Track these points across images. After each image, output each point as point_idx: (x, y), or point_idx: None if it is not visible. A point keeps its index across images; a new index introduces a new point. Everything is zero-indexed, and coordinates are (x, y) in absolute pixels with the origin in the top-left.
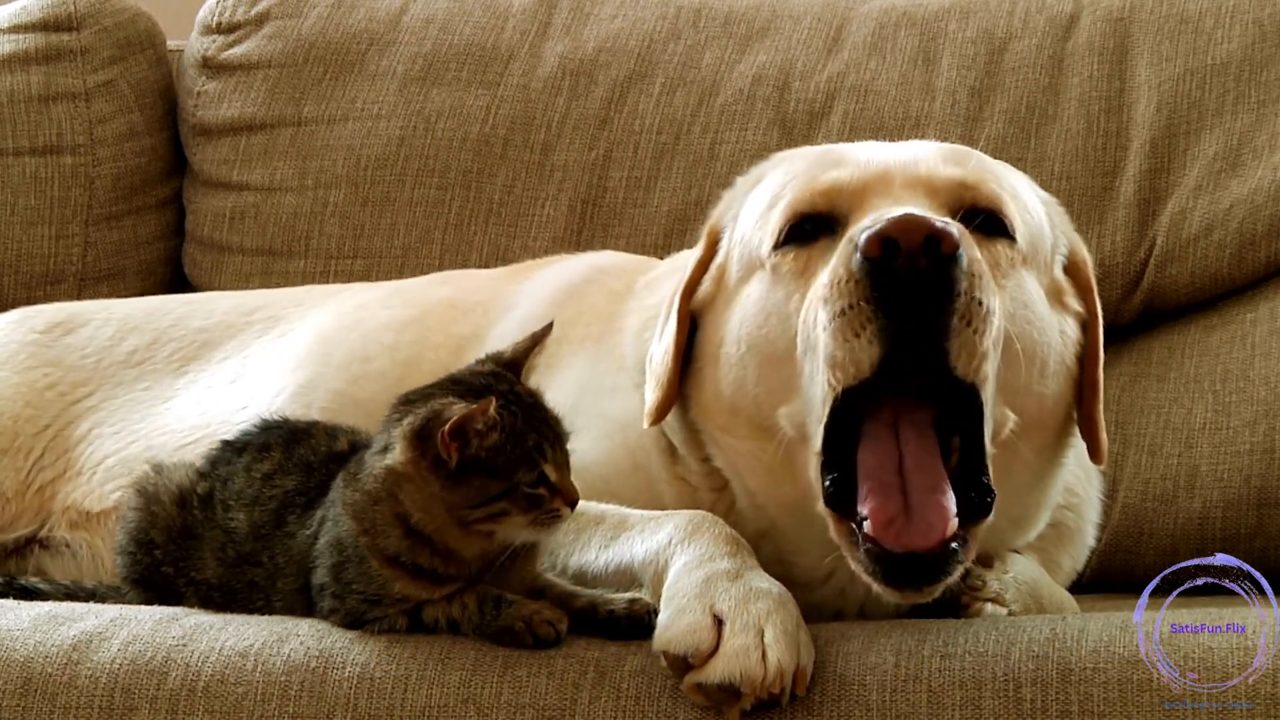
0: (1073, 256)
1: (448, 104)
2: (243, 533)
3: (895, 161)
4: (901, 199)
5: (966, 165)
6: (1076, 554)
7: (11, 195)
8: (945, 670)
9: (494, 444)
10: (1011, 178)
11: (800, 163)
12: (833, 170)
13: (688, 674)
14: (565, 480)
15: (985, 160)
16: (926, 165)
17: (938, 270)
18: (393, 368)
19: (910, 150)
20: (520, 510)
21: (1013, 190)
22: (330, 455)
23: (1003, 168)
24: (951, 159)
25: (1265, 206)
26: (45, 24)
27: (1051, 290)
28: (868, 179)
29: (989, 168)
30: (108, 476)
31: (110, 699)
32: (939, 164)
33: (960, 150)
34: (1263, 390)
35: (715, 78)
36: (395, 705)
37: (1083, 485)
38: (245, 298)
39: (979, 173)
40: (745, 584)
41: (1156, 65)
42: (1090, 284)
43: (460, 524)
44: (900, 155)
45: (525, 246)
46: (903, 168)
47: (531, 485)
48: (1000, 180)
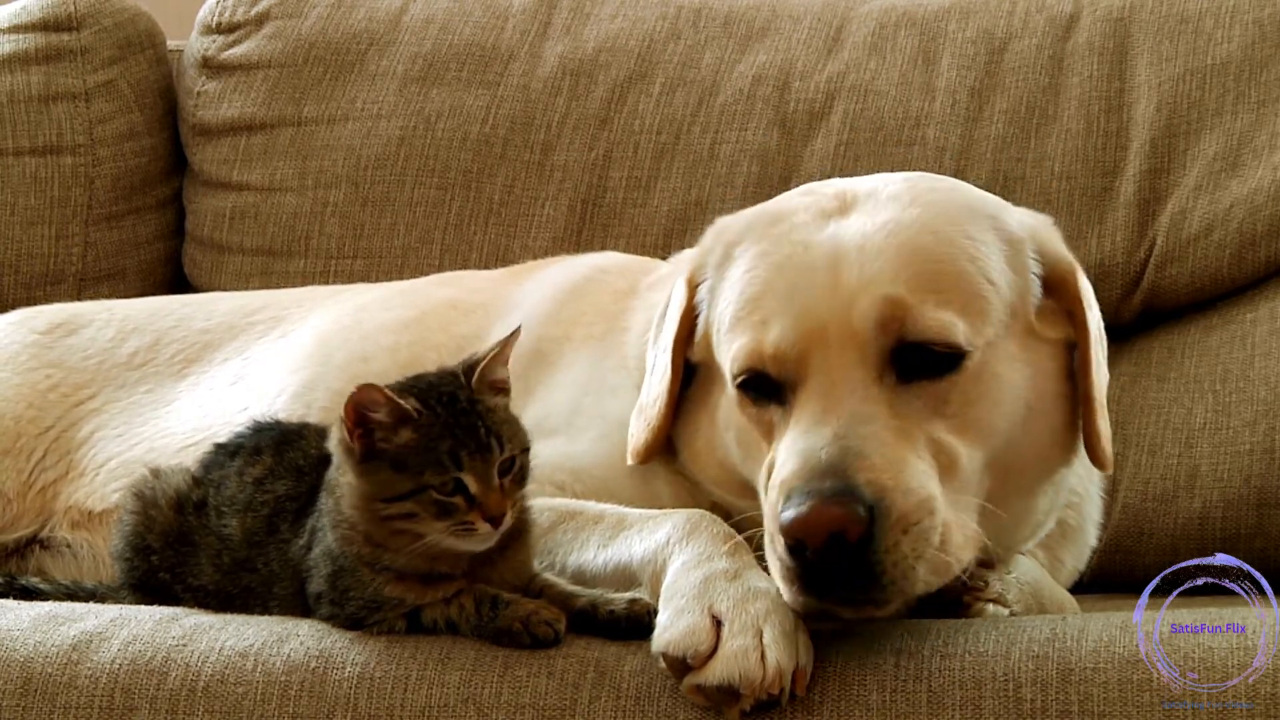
0: (1056, 273)
1: (448, 104)
2: (237, 539)
3: (831, 313)
4: (837, 368)
5: (907, 273)
6: (1079, 552)
7: (11, 195)
8: (945, 670)
9: (406, 441)
10: (966, 251)
11: (761, 266)
12: (779, 319)
13: (687, 675)
14: (489, 496)
15: (930, 245)
16: (860, 311)
17: (858, 547)
18: (393, 368)
19: (852, 265)
20: (430, 515)
21: (962, 278)
22: (320, 458)
23: (950, 238)
24: (896, 270)
25: (1265, 206)
26: (45, 24)
27: (1025, 334)
28: (806, 342)
29: (934, 261)
30: (110, 477)
31: (110, 699)
32: (876, 298)
33: (900, 243)
34: (1263, 390)
35: (715, 78)
36: (395, 705)
37: (1084, 483)
38: (247, 299)
39: (913, 298)
40: (743, 584)
41: (1156, 65)
42: (1078, 297)
43: (379, 519)
44: (840, 289)
45: (525, 246)
46: (839, 319)
47: (445, 492)
48: (945, 280)
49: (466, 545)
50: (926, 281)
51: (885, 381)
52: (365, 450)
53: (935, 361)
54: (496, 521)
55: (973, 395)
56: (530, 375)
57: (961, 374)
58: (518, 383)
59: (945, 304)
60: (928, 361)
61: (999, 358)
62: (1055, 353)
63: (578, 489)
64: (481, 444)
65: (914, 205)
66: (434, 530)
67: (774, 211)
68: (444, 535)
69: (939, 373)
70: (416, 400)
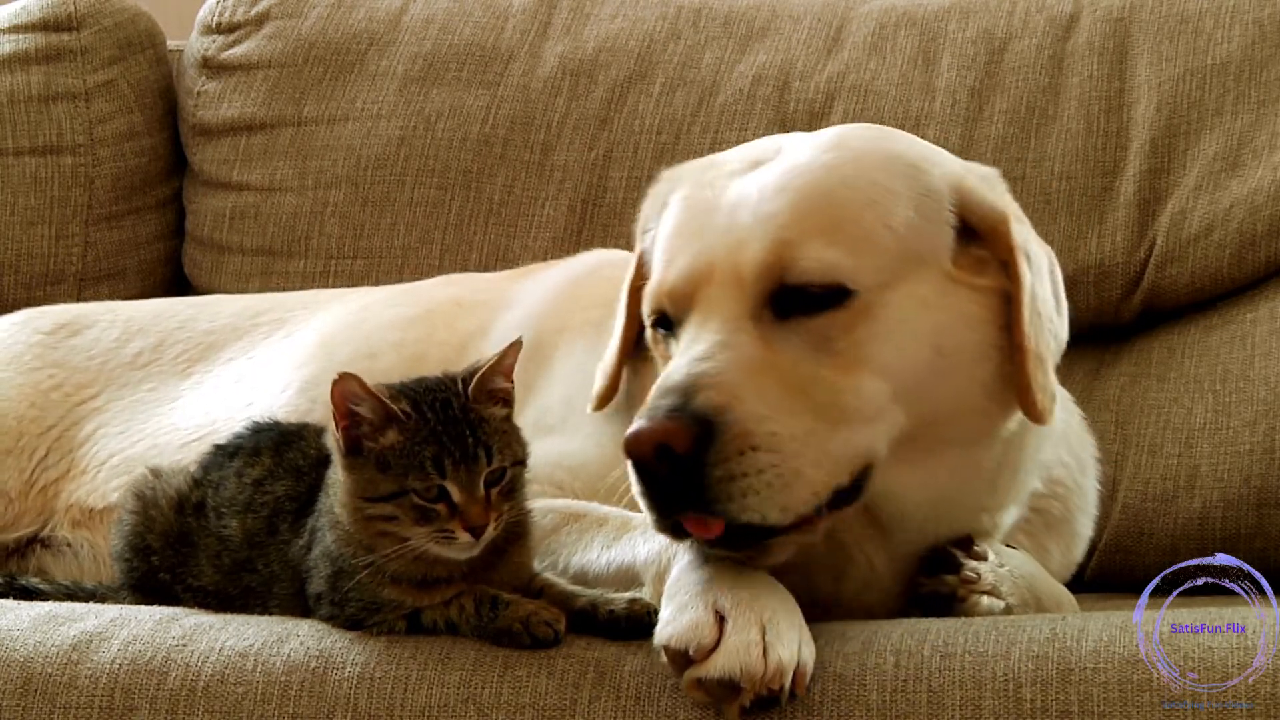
0: (986, 222)
1: (448, 104)
2: (236, 540)
3: (721, 253)
4: (715, 303)
5: (798, 214)
6: (1067, 543)
7: (11, 195)
8: (945, 670)
9: (392, 443)
10: (865, 195)
11: (682, 210)
12: (680, 258)
13: (688, 669)
14: (471, 506)
15: (829, 188)
16: (747, 253)
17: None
18: (399, 364)
19: (749, 207)
20: (410, 520)
21: (856, 221)
22: (320, 458)
23: (853, 182)
24: (789, 212)
25: (1265, 206)
26: (45, 24)
27: (941, 279)
28: (696, 280)
29: (829, 204)
30: (112, 474)
31: (110, 699)
32: (763, 240)
33: (800, 184)
34: (1263, 390)
35: (715, 78)
36: (395, 705)
37: (1073, 475)
38: (252, 301)
39: (800, 239)
40: (748, 583)
41: (1156, 65)
42: (1010, 245)
43: (364, 519)
44: (733, 231)
45: (525, 246)
46: (727, 257)
47: (428, 498)
48: (836, 222)
49: (448, 553)
50: (818, 222)
51: (762, 317)
52: (350, 444)
53: (815, 300)
54: (477, 532)
55: (862, 334)
56: (529, 369)
57: (845, 311)
58: (517, 378)
59: (833, 243)
60: (808, 300)
61: (898, 299)
62: (984, 300)
63: (576, 486)
64: (468, 453)
65: (830, 150)
66: (415, 534)
67: (710, 159)
68: (425, 540)
69: (818, 309)
70: (409, 403)
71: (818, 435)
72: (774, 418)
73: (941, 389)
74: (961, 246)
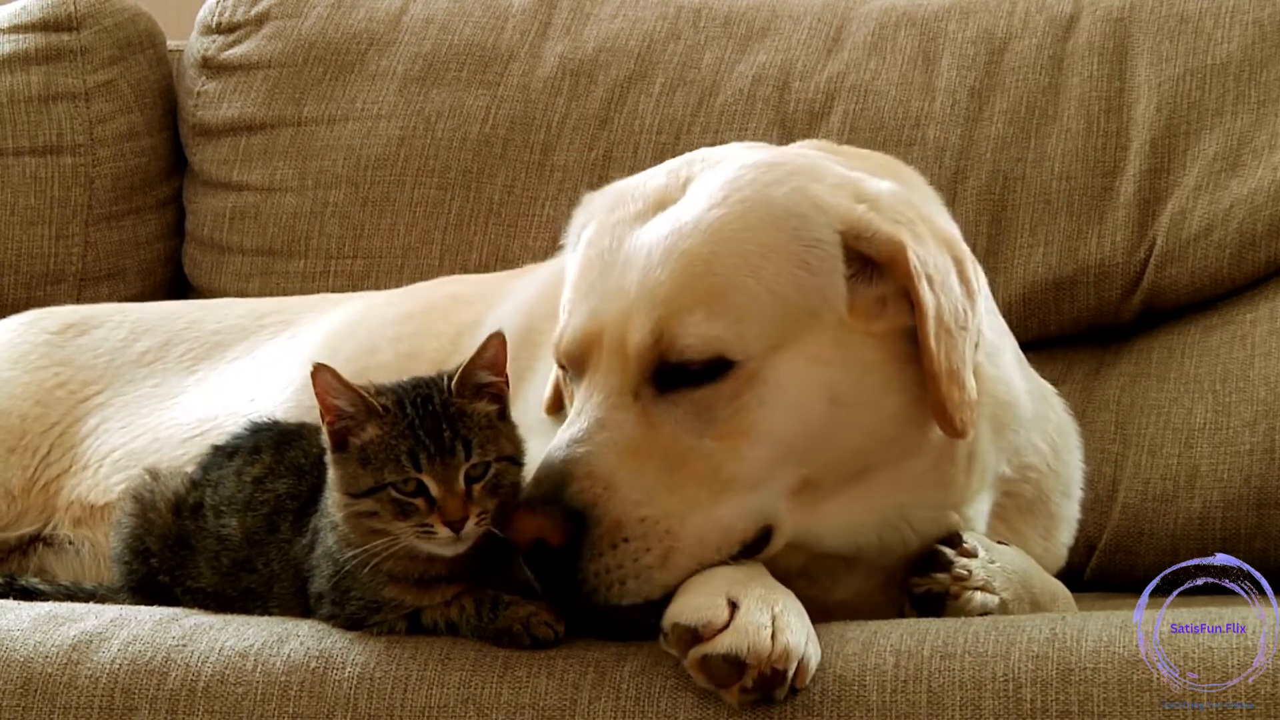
0: (884, 255)
1: (448, 104)
2: (236, 539)
3: (611, 316)
4: (601, 373)
5: (679, 286)
6: (1046, 526)
7: (11, 195)
8: (945, 670)
9: (371, 438)
10: (749, 263)
11: (585, 254)
12: (575, 317)
13: (694, 647)
14: (449, 500)
15: (710, 254)
16: (631, 326)
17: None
18: (396, 359)
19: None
20: (390, 514)
21: (739, 290)
22: (320, 458)
23: (736, 247)
24: (671, 284)
25: (1265, 206)
26: (45, 24)
27: (836, 330)
28: (586, 345)
29: (710, 273)
30: (113, 469)
31: (110, 699)
32: (646, 314)
33: (684, 250)
34: (1263, 390)
35: (715, 78)
36: (395, 705)
37: (1046, 460)
38: (259, 303)
39: (681, 312)
40: (760, 582)
41: (1156, 65)
42: (909, 273)
43: (352, 516)
44: (621, 297)
45: (525, 246)
46: (613, 326)
47: (406, 493)
48: (718, 291)
49: (431, 548)
50: (699, 294)
51: (642, 394)
52: (336, 440)
53: (697, 374)
54: (456, 526)
55: (747, 400)
56: (520, 360)
57: (729, 380)
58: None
59: (714, 315)
60: (690, 375)
61: (785, 360)
62: (883, 344)
63: None
64: (444, 447)
65: (717, 207)
66: (398, 530)
67: (619, 193)
68: (409, 536)
69: (701, 381)
70: (392, 399)
71: (701, 507)
72: (648, 501)
73: (842, 435)
74: (861, 287)
